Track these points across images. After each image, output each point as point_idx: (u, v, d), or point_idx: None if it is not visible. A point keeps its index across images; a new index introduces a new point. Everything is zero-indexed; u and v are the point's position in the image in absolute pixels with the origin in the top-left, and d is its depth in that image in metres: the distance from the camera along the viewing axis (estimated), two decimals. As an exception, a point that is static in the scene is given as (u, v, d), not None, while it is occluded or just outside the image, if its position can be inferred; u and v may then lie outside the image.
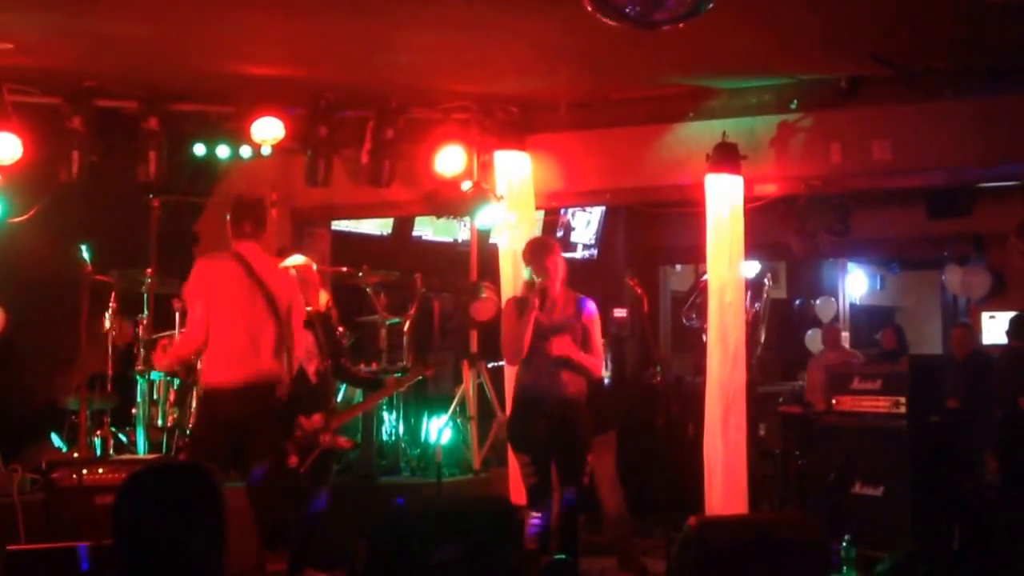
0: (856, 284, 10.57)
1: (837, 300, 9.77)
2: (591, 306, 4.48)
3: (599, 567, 4.85)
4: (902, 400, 5.43)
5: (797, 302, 9.63)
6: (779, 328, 7.64)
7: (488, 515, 4.13)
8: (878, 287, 10.89)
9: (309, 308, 4.68)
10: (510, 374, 4.82)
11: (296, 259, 4.84)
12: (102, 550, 3.24)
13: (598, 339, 4.46)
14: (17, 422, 5.62)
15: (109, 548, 1.73)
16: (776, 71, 5.64)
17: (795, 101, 5.71)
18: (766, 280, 6.52)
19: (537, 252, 4.41)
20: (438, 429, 5.78)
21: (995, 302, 8.21)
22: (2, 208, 5.49)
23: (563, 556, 4.15)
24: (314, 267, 4.82)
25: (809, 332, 9.21)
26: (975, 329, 7.87)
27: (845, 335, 9.76)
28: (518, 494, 4.72)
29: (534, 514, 4.29)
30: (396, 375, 5.28)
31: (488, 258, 6.29)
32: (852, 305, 10.27)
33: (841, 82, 5.52)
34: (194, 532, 1.73)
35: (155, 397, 5.72)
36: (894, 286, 11.06)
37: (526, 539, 4.26)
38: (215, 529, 1.76)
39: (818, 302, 9.44)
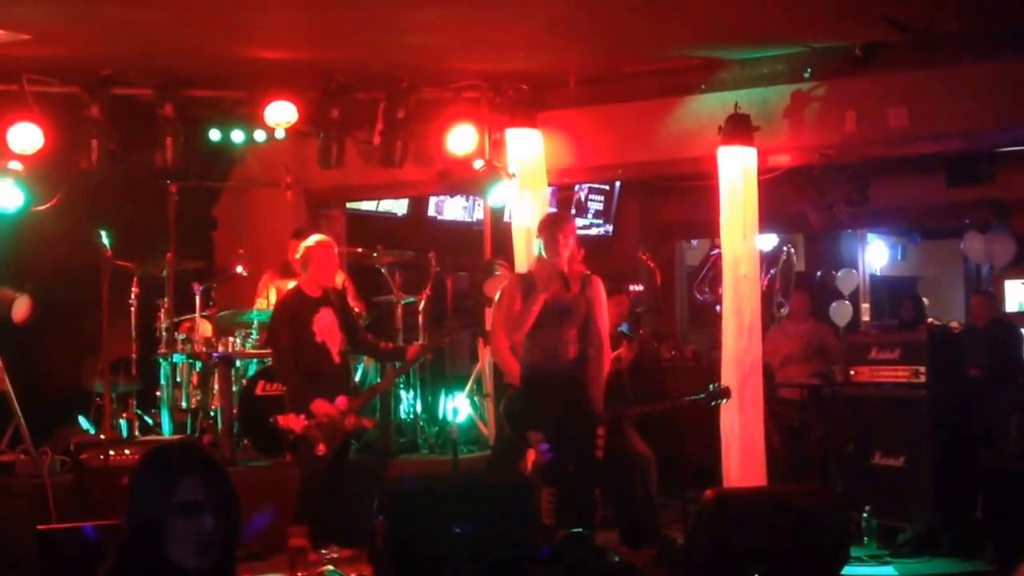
0: (876, 255, 10.46)
1: (857, 271, 9.67)
2: (597, 285, 4.45)
3: (615, 539, 4.88)
4: (921, 369, 5.39)
5: (818, 274, 9.55)
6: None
7: (503, 491, 4.19)
8: (899, 257, 10.76)
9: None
10: (498, 348, 4.82)
11: (310, 239, 4.88)
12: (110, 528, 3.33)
13: (602, 317, 4.44)
14: (46, 406, 5.74)
15: (116, 525, 1.78)
16: (788, 40, 5.58)
17: (808, 70, 5.65)
18: (785, 248, 6.46)
19: (548, 225, 4.41)
20: (454, 407, 5.84)
21: (1018, 269, 8.09)
22: (25, 197, 5.59)
23: (579, 529, 4.18)
24: (307, 244, 4.81)
25: (833, 304, 9.15)
26: (996, 297, 7.77)
27: (865, 306, 9.68)
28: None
29: (549, 491, 4.31)
30: (422, 345, 5.32)
31: (502, 236, 6.31)
32: (873, 276, 10.16)
33: (855, 49, 5.45)
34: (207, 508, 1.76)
35: (178, 380, 5.84)
36: (916, 256, 10.92)
37: (542, 515, 4.30)
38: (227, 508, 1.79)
39: (839, 274, 9.35)
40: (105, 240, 5.38)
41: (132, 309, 5.87)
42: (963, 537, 4.95)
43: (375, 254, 6.26)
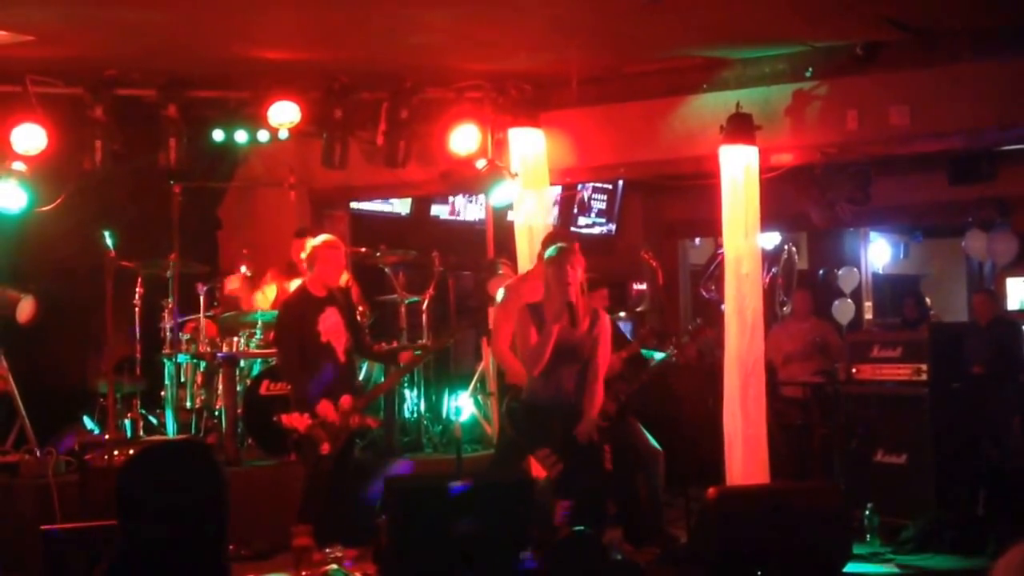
0: (879, 253, 10.47)
1: (860, 270, 9.69)
2: (605, 320, 4.45)
3: (619, 537, 4.90)
4: (923, 367, 5.41)
5: (820, 272, 9.58)
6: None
7: (506, 490, 4.21)
8: (902, 256, 10.78)
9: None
10: (499, 349, 4.83)
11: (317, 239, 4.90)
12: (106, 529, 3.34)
13: (604, 357, 4.43)
14: (50, 406, 5.75)
15: (113, 527, 1.79)
16: (790, 39, 5.60)
17: (810, 69, 5.67)
18: (786, 247, 6.47)
19: (556, 258, 4.36)
20: (458, 406, 5.86)
21: (1020, 267, 8.11)
22: (29, 198, 5.60)
23: (583, 528, 4.20)
24: (314, 243, 4.82)
25: (835, 303, 9.18)
26: (998, 295, 7.79)
27: (868, 305, 9.70)
28: (538, 468, 4.77)
29: (565, 503, 4.31)
30: (416, 353, 5.35)
31: (505, 235, 6.33)
32: (875, 275, 10.18)
33: (857, 48, 5.47)
34: (195, 507, 1.78)
35: (183, 380, 5.86)
36: (918, 254, 10.93)
37: (556, 520, 4.31)
38: (216, 504, 1.81)
39: (840, 272, 9.37)
40: (109, 241, 5.40)
41: (136, 309, 5.89)
42: (965, 534, 4.96)
43: (378, 254, 6.28)
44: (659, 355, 5.04)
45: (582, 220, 9.04)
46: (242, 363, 5.76)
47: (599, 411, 4.47)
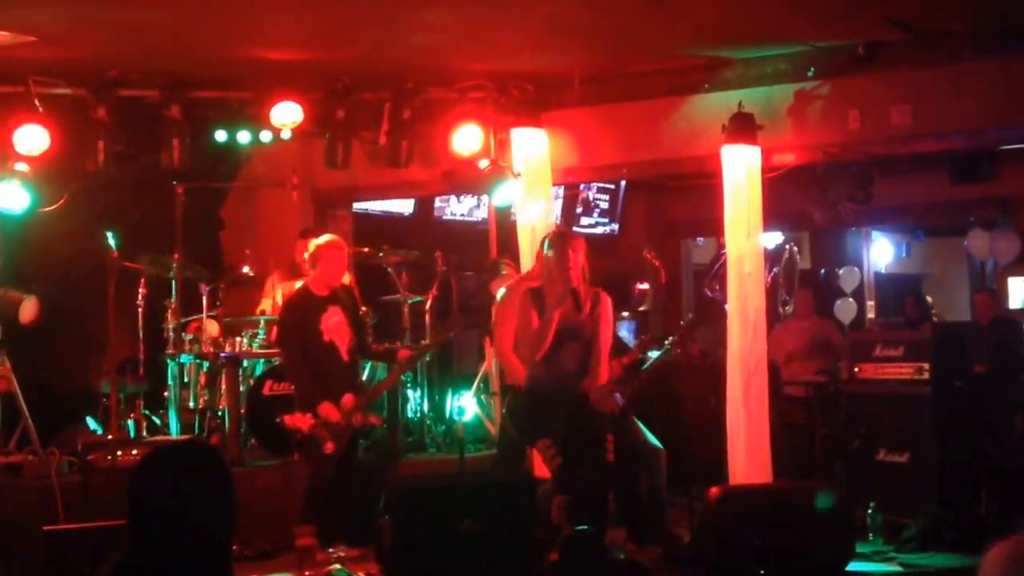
0: (881, 253, 10.48)
1: (862, 269, 9.70)
2: (606, 302, 4.44)
3: (622, 537, 4.90)
4: (925, 367, 5.41)
5: (823, 272, 9.59)
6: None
7: (509, 489, 4.21)
8: (904, 255, 10.79)
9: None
10: (502, 349, 4.83)
11: (321, 238, 4.92)
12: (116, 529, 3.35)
13: (607, 337, 4.42)
14: (53, 406, 5.77)
15: (122, 526, 1.80)
16: (792, 39, 5.61)
17: (812, 69, 5.68)
18: (788, 246, 6.48)
19: (557, 243, 4.36)
20: (461, 406, 5.86)
21: (1022, 267, 8.12)
22: (31, 198, 5.61)
23: (586, 527, 4.20)
24: (317, 243, 4.84)
25: (837, 302, 9.19)
26: (1000, 294, 7.80)
27: (870, 304, 9.71)
28: (541, 468, 4.78)
29: (563, 498, 4.30)
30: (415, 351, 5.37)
31: (508, 235, 6.34)
32: (877, 274, 10.19)
33: (858, 48, 5.48)
34: (203, 508, 1.79)
35: (186, 380, 5.87)
36: (920, 254, 10.95)
37: (554, 516, 4.31)
38: (224, 504, 1.82)
39: (841, 272, 9.38)
40: (112, 241, 5.41)
41: (139, 310, 5.90)
42: (967, 533, 4.96)
43: (381, 254, 6.29)
44: (655, 353, 5.04)
45: (585, 220, 9.05)
46: (245, 363, 5.77)
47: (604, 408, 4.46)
